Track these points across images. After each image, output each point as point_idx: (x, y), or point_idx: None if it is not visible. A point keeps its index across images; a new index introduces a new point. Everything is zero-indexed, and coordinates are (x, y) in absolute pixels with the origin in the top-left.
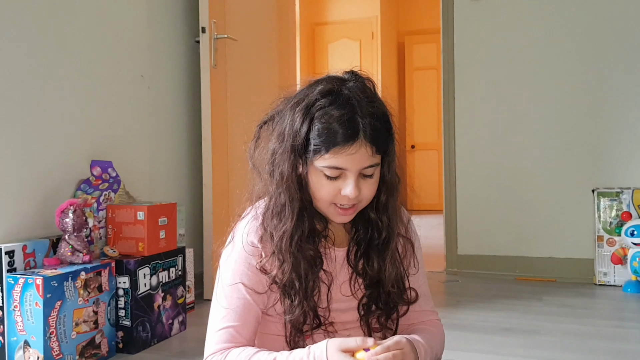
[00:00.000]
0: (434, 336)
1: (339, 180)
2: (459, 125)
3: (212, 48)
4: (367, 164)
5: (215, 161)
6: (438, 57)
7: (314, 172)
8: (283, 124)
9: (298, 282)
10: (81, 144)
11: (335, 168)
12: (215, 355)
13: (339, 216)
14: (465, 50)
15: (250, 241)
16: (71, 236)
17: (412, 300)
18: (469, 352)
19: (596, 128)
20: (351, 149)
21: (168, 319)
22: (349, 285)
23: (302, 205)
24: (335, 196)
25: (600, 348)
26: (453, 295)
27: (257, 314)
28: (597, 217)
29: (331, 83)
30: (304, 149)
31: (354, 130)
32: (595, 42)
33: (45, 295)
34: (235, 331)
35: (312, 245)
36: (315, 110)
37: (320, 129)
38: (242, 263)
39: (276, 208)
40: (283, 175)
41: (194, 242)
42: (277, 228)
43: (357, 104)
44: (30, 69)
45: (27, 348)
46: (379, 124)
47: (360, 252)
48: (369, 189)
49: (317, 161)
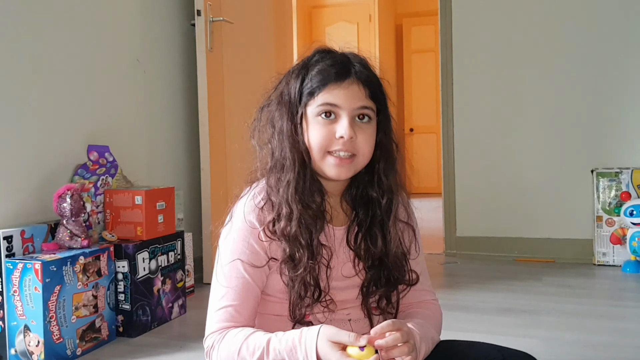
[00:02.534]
0: (429, 320)
1: (334, 124)
2: (457, 108)
3: (207, 31)
4: (361, 103)
5: (212, 145)
6: (436, 39)
7: (309, 119)
8: (280, 89)
9: (302, 238)
10: (78, 129)
11: (329, 104)
12: (214, 335)
13: (336, 167)
14: (464, 31)
15: (248, 220)
16: (69, 221)
17: (412, 282)
18: (468, 332)
19: (595, 108)
20: (344, 84)
21: (168, 302)
22: (353, 266)
23: (302, 156)
24: (330, 140)
25: (599, 327)
26: (452, 276)
27: (256, 294)
28: (596, 198)
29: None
30: (299, 99)
31: (346, 69)
32: (595, 22)
33: (45, 279)
34: (235, 310)
35: (316, 200)
36: (310, 63)
37: (314, 74)
38: (240, 241)
39: (279, 162)
40: (283, 129)
41: (192, 227)
42: (281, 180)
43: (350, 57)
44: (26, 55)
45: (28, 332)
46: (371, 74)
47: (362, 233)
48: (364, 138)
49: (311, 105)
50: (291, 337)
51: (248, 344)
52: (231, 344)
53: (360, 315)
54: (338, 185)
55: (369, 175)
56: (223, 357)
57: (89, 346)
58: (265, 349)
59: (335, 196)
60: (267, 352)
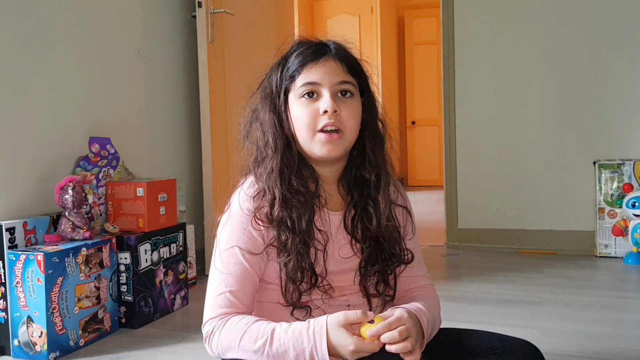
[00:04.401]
0: (432, 302)
1: (316, 102)
2: (459, 100)
3: (208, 23)
4: (340, 78)
5: (214, 137)
6: (438, 31)
7: (292, 105)
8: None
9: (290, 221)
10: (79, 120)
11: (309, 83)
12: (214, 320)
13: (325, 144)
14: (466, 23)
15: (245, 207)
16: (71, 213)
17: (408, 260)
18: (470, 323)
19: (597, 99)
20: (320, 61)
21: (170, 294)
22: (350, 247)
23: (286, 142)
24: (315, 117)
25: (601, 318)
26: (454, 268)
27: (254, 280)
28: (598, 189)
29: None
30: (280, 87)
31: (322, 49)
32: (597, 14)
33: (47, 271)
34: (233, 296)
35: (304, 184)
36: (289, 54)
37: (292, 59)
38: (237, 228)
39: (263, 151)
40: (265, 120)
41: (194, 219)
42: (265, 167)
43: (326, 41)
44: (27, 46)
45: (31, 323)
46: (348, 53)
47: (357, 214)
48: (348, 111)
49: (293, 90)
50: (298, 327)
51: (251, 331)
52: (233, 330)
53: (358, 301)
54: (333, 171)
55: (361, 156)
56: (224, 343)
57: (92, 337)
58: (269, 337)
59: (331, 183)
60: (271, 341)
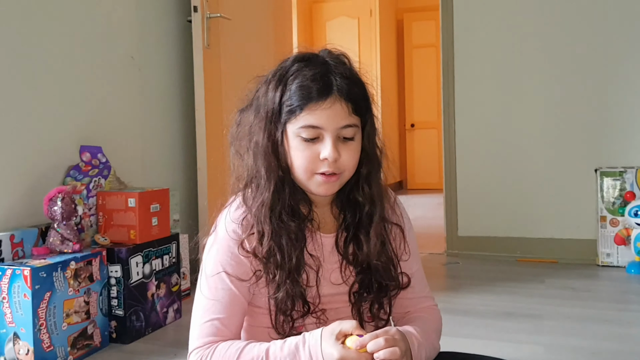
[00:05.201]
0: (429, 324)
1: (317, 144)
2: (459, 104)
3: (204, 28)
4: (345, 122)
5: (209, 144)
6: (437, 34)
7: (290, 139)
8: (259, 98)
9: (280, 256)
10: (70, 128)
11: (311, 127)
12: (200, 350)
13: (323, 185)
14: (465, 26)
15: (232, 229)
16: (60, 225)
17: (403, 286)
18: (470, 338)
19: (599, 106)
20: (325, 103)
21: (162, 307)
22: (340, 273)
23: (280, 175)
24: (314, 162)
25: (606, 333)
26: (454, 278)
27: (242, 306)
28: (600, 197)
29: (304, 53)
30: (278, 114)
31: (327, 86)
32: (599, 20)
33: (34, 286)
34: (221, 323)
35: (294, 221)
36: (289, 75)
37: (293, 89)
38: (224, 252)
39: (254, 180)
40: (258, 143)
41: (188, 228)
42: (256, 199)
43: (331, 65)
44: (16, 52)
45: (17, 340)
46: (353, 85)
47: (349, 237)
48: (349, 155)
49: (292, 124)
50: (294, 342)
51: (244, 355)
52: (224, 357)
53: None
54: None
55: (355, 178)
56: None
57: (81, 353)
58: (263, 357)
59: (323, 205)
60: None
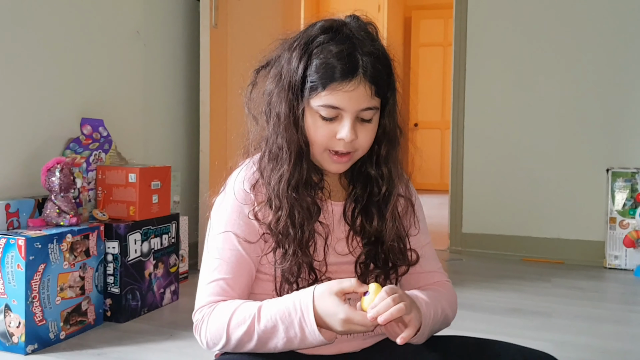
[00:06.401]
0: (441, 294)
1: (335, 123)
2: (469, 101)
3: (212, 6)
4: (365, 105)
5: (213, 126)
6: (445, 33)
7: (310, 113)
8: (280, 64)
9: (293, 231)
10: (71, 100)
11: (332, 107)
12: (204, 308)
13: (333, 164)
14: (479, 24)
15: (242, 188)
16: (58, 196)
17: (412, 262)
18: (476, 331)
19: (613, 105)
20: (349, 85)
21: (159, 287)
22: (346, 243)
23: (299, 148)
24: (330, 140)
25: (616, 333)
26: (457, 274)
27: (250, 268)
28: (610, 198)
29: (332, 21)
30: (300, 88)
31: (353, 66)
32: (612, 19)
33: (28, 257)
34: (227, 284)
35: (310, 193)
36: (314, 46)
37: (317, 65)
38: (233, 211)
39: (273, 151)
40: (280, 116)
41: (189, 210)
42: (274, 172)
43: (357, 41)
44: (19, 22)
45: (8, 312)
46: (379, 64)
47: (358, 210)
48: (366, 136)
49: (313, 100)
50: (284, 300)
51: (238, 314)
52: (220, 316)
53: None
54: None
55: (369, 153)
56: (212, 331)
57: (74, 330)
58: (256, 315)
59: (333, 174)
60: (259, 319)
